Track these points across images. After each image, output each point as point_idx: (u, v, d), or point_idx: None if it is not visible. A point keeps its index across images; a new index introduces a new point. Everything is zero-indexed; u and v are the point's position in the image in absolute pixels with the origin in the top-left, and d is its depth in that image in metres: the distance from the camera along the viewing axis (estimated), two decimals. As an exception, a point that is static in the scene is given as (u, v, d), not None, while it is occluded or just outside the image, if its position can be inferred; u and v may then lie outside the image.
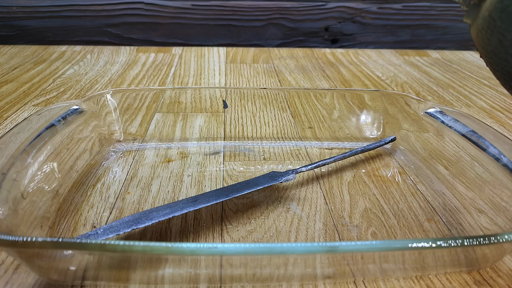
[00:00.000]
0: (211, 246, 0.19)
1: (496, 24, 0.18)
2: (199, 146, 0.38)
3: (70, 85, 0.53)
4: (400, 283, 0.23)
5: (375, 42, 0.82)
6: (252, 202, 0.30)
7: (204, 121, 0.41)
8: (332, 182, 0.33)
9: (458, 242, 0.19)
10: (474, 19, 0.20)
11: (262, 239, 0.26)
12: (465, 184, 0.30)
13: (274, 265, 0.22)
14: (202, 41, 0.79)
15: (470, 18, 0.21)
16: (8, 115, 0.43)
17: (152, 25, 0.77)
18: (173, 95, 0.42)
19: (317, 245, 0.19)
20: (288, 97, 0.44)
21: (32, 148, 0.27)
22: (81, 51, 0.68)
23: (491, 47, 0.20)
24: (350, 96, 0.40)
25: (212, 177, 0.33)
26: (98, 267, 0.22)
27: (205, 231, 0.27)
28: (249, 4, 0.77)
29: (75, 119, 0.32)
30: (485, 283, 0.23)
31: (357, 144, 0.39)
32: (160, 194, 0.30)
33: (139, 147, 0.37)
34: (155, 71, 0.60)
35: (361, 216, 0.28)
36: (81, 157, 0.33)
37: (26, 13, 0.74)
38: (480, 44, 0.21)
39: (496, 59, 0.19)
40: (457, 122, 0.32)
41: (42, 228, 0.25)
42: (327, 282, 0.23)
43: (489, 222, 0.27)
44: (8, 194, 0.23)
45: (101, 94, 0.36)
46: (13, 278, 0.23)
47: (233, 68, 0.62)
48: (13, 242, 0.18)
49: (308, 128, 0.41)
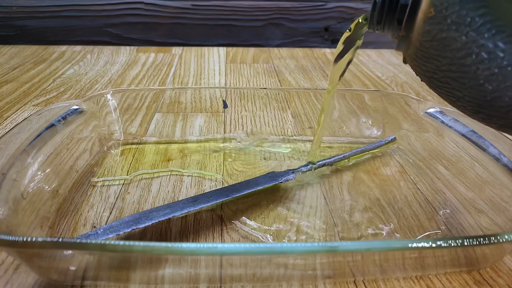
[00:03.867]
0: (211, 246, 0.19)
1: (429, 52, 0.19)
2: (199, 146, 0.38)
3: (70, 85, 0.53)
4: (400, 283, 0.23)
5: (375, 42, 0.82)
6: (252, 202, 0.30)
7: (204, 121, 0.41)
8: (332, 181, 0.32)
9: (458, 242, 0.19)
10: (406, 49, 0.21)
11: (262, 239, 0.26)
12: (465, 184, 0.30)
13: (274, 265, 0.22)
14: (202, 41, 0.79)
15: (402, 49, 0.21)
16: (8, 115, 0.43)
17: (152, 25, 0.77)
18: (173, 95, 0.42)
19: (317, 245, 0.19)
20: (288, 97, 0.44)
21: (32, 148, 0.27)
22: (81, 51, 0.68)
23: (429, 73, 0.20)
24: (350, 96, 0.40)
25: (212, 177, 0.33)
26: (98, 267, 0.22)
27: (205, 231, 0.27)
28: (249, 4, 0.77)
29: (75, 119, 0.32)
30: (485, 283, 0.23)
31: (357, 144, 0.39)
32: (160, 194, 0.30)
33: (139, 147, 0.37)
34: (155, 71, 0.60)
35: (361, 216, 0.28)
36: (81, 157, 0.33)
37: (26, 13, 0.74)
38: (418, 71, 0.21)
39: (437, 83, 0.20)
40: (457, 122, 0.32)
41: (42, 228, 0.25)
42: (327, 282, 0.23)
43: (489, 222, 0.27)
44: (8, 194, 0.23)
45: (101, 94, 0.36)
46: (13, 278, 0.23)
47: (233, 68, 0.62)
48: (13, 242, 0.18)
49: (308, 128, 0.41)
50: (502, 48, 0.16)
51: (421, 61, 0.20)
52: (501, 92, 0.17)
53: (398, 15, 0.20)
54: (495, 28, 0.16)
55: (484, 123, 0.19)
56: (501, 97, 0.17)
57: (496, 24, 0.16)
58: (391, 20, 0.21)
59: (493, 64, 0.17)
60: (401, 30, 0.20)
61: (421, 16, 0.18)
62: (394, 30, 0.21)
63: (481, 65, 0.17)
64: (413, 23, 0.19)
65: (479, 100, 0.18)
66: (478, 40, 0.17)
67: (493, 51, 0.16)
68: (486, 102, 0.18)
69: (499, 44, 0.16)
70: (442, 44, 0.18)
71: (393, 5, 0.20)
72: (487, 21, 0.16)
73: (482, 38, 0.17)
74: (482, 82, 0.17)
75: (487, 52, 0.17)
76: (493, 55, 0.16)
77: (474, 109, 0.19)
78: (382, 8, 0.21)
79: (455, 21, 0.17)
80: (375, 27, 0.22)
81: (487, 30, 0.16)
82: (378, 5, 0.21)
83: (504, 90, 0.17)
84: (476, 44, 0.17)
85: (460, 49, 0.17)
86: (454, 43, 0.17)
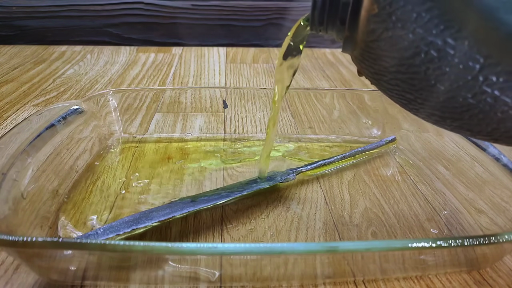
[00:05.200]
0: (211, 246, 0.19)
1: (376, 52, 0.17)
2: (199, 146, 0.38)
3: (70, 85, 0.53)
4: (400, 283, 0.23)
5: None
6: (252, 202, 0.30)
7: (204, 121, 0.41)
8: (332, 181, 0.32)
9: (458, 242, 0.19)
10: (353, 51, 0.19)
11: (262, 239, 0.26)
12: (465, 184, 0.30)
13: (274, 265, 0.22)
14: (202, 41, 0.79)
15: (348, 50, 0.20)
16: (8, 115, 0.43)
17: (152, 25, 0.77)
18: (173, 95, 0.42)
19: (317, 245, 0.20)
20: (288, 97, 0.44)
21: (32, 148, 0.27)
22: (81, 51, 0.68)
23: (378, 75, 0.18)
24: (350, 96, 0.40)
25: (212, 177, 0.33)
26: (98, 267, 0.22)
27: (205, 231, 0.27)
28: (249, 4, 0.77)
29: (75, 119, 0.32)
30: (485, 283, 0.23)
31: (357, 144, 0.39)
32: (160, 194, 0.30)
33: (139, 146, 0.37)
34: (155, 71, 0.60)
35: (361, 216, 0.28)
36: (81, 157, 0.33)
37: (26, 13, 0.74)
38: (366, 73, 0.19)
39: (387, 85, 0.18)
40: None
41: (42, 228, 0.25)
42: (327, 282, 0.23)
43: (489, 222, 0.27)
44: (8, 194, 0.23)
45: (101, 94, 0.36)
46: (13, 278, 0.23)
47: (233, 68, 0.62)
48: (13, 242, 0.18)
49: (308, 128, 0.41)
50: (452, 45, 0.15)
51: (368, 63, 0.18)
52: (454, 92, 0.16)
53: (341, 14, 0.19)
54: (444, 23, 0.15)
55: (438, 125, 0.18)
56: (455, 97, 0.16)
57: (444, 18, 0.15)
58: (334, 20, 0.19)
59: (444, 63, 0.15)
60: (345, 31, 0.19)
61: (365, 14, 0.17)
62: (338, 30, 0.20)
63: (431, 64, 0.16)
64: (357, 22, 0.18)
65: (432, 102, 0.17)
66: (426, 37, 0.15)
67: (443, 49, 0.15)
68: (439, 103, 0.17)
69: (449, 40, 0.15)
70: (389, 43, 0.17)
71: (334, 4, 0.19)
72: (434, 16, 0.15)
73: (430, 35, 0.15)
74: (433, 82, 0.16)
75: (437, 50, 0.15)
76: (443, 53, 0.15)
77: (427, 112, 0.18)
78: (323, 7, 0.19)
79: (400, 18, 0.16)
80: (317, 28, 0.20)
81: (435, 26, 0.15)
82: (319, 4, 0.19)
83: (457, 90, 0.16)
84: (425, 42, 0.15)
85: (408, 48, 0.16)
86: (401, 42, 0.16)
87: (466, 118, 0.16)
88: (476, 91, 0.15)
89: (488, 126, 0.16)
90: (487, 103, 0.15)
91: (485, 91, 0.15)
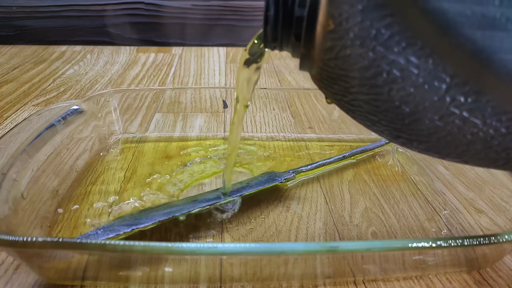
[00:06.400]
0: (211, 246, 0.19)
1: (335, 72, 0.16)
2: (199, 146, 0.38)
3: (70, 85, 0.53)
4: (400, 283, 0.23)
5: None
6: (252, 201, 0.30)
7: (204, 121, 0.41)
8: (332, 181, 0.32)
9: (458, 242, 0.19)
10: (310, 69, 0.18)
11: (262, 239, 0.26)
12: (465, 184, 0.30)
13: (274, 265, 0.22)
14: (202, 41, 0.79)
15: (305, 68, 0.18)
16: (8, 115, 0.43)
17: (152, 25, 0.77)
18: (173, 95, 0.42)
19: (317, 244, 0.20)
20: (288, 97, 0.44)
21: (32, 148, 0.27)
22: (81, 51, 0.68)
23: (338, 95, 0.17)
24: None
25: (212, 177, 0.33)
26: (98, 267, 0.22)
27: (205, 231, 0.27)
28: (249, 4, 0.77)
29: (75, 119, 0.32)
30: (485, 283, 0.23)
31: (357, 144, 0.39)
32: (160, 194, 0.30)
33: (138, 146, 0.37)
34: (155, 71, 0.60)
35: (361, 216, 0.28)
36: (81, 157, 0.33)
37: (26, 13, 0.74)
38: (326, 94, 0.18)
39: (348, 106, 0.17)
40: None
41: (42, 228, 0.25)
42: (327, 282, 0.23)
43: (489, 222, 0.27)
44: (8, 194, 0.23)
45: (101, 94, 0.36)
46: (13, 278, 0.23)
47: (233, 68, 0.62)
48: (13, 242, 0.18)
49: (308, 128, 0.41)
50: (416, 64, 0.14)
51: (327, 82, 0.17)
52: (420, 114, 0.15)
53: (295, 29, 0.17)
54: (405, 40, 0.13)
55: (405, 147, 0.17)
56: (421, 119, 0.15)
57: (405, 35, 0.13)
58: (288, 36, 0.18)
59: (408, 83, 0.14)
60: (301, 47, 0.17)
61: (320, 30, 0.15)
62: (293, 47, 0.18)
63: (395, 84, 0.14)
64: (313, 39, 0.16)
65: (397, 124, 0.16)
66: (388, 55, 0.14)
67: (406, 68, 0.14)
68: (405, 126, 0.15)
69: (412, 59, 0.14)
70: (348, 62, 0.15)
71: (288, 18, 0.17)
72: (395, 33, 0.14)
73: (391, 53, 0.14)
74: (398, 104, 0.15)
75: (400, 69, 0.14)
76: (407, 72, 0.14)
77: (393, 134, 0.16)
78: (276, 22, 0.17)
79: (358, 35, 0.14)
80: (271, 45, 0.19)
81: (396, 43, 0.14)
82: (271, 18, 0.17)
83: (423, 111, 0.14)
84: (386, 61, 0.14)
85: (369, 67, 0.15)
86: (361, 60, 0.15)
87: (433, 140, 0.15)
88: (443, 113, 0.14)
89: (457, 148, 0.15)
90: (455, 125, 0.14)
91: (453, 112, 0.14)
